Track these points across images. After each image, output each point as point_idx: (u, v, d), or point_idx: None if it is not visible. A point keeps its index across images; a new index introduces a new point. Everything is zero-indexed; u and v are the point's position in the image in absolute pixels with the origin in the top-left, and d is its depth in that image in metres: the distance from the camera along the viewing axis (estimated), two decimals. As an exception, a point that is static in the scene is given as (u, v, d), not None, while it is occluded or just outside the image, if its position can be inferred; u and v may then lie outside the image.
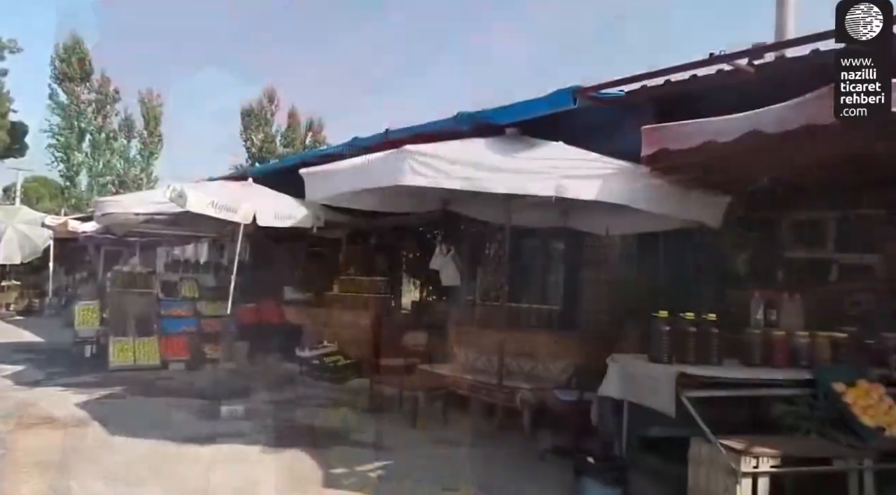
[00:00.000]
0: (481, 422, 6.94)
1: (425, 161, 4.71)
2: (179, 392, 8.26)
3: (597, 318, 7.69)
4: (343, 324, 10.26)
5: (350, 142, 7.92)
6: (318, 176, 5.81)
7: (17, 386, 8.34)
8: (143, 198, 9.30)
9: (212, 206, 7.33)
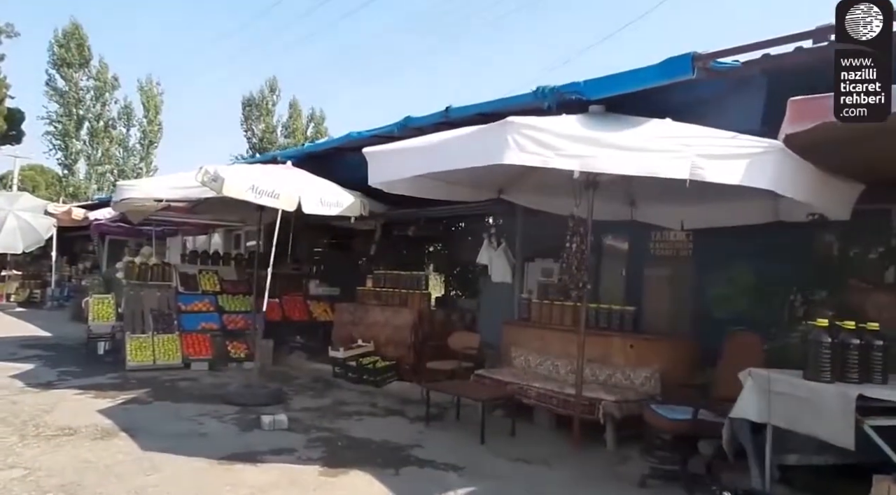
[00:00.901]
0: (553, 437, 6.22)
1: (533, 135, 3.96)
2: (208, 396, 7.49)
3: (678, 321, 6.93)
4: (379, 322, 9.50)
5: (402, 121, 7.12)
6: (386, 156, 5.04)
7: (28, 388, 7.57)
8: (165, 182, 8.49)
9: (251, 191, 6.55)
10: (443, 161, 4.52)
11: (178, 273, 10.64)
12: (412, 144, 4.93)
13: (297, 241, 13.01)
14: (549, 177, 6.73)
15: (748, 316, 6.02)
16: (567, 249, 5.78)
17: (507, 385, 6.69)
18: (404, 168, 4.86)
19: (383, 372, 8.66)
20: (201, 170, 7.03)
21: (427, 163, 4.62)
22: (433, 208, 9.82)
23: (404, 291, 9.53)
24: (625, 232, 8.26)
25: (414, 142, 4.98)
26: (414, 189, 6.66)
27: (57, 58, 37.97)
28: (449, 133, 4.72)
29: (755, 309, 6.04)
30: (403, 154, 4.92)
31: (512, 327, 7.87)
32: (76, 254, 22.45)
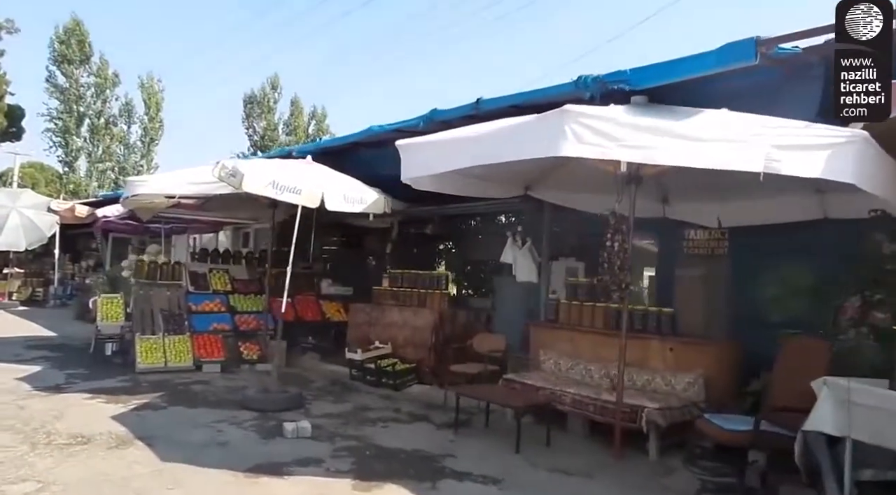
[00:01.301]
0: (590, 446, 5.92)
1: (592, 125, 3.66)
2: (224, 401, 7.19)
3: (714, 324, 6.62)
4: (396, 323, 9.19)
5: (427, 115, 6.82)
6: (424, 148, 4.73)
7: (36, 391, 7.26)
8: (177, 178, 8.16)
9: (272, 187, 6.24)
10: (491, 153, 4.20)
11: (188, 272, 10.33)
12: (455, 136, 4.61)
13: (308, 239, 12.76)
14: (580, 172, 6.45)
15: (800, 318, 5.72)
16: (608, 248, 5.47)
17: (538, 390, 6.38)
18: (446, 161, 4.54)
19: (403, 375, 8.36)
20: (218, 165, 6.71)
21: (473, 156, 4.30)
22: (453, 205, 9.52)
23: (423, 291, 9.22)
24: (653, 230, 7.98)
25: (456, 134, 4.66)
26: (441, 185, 6.37)
27: (57, 54, 37.64)
28: (496, 123, 4.40)
29: (808, 311, 5.72)
30: (445, 146, 4.61)
31: (540, 329, 7.56)
32: (79, 251, 22.10)
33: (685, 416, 5.62)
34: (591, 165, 5.40)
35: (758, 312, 6.37)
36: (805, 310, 5.97)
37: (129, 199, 8.71)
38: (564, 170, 6.73)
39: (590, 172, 5.92)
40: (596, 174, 5.81)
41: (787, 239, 6.50)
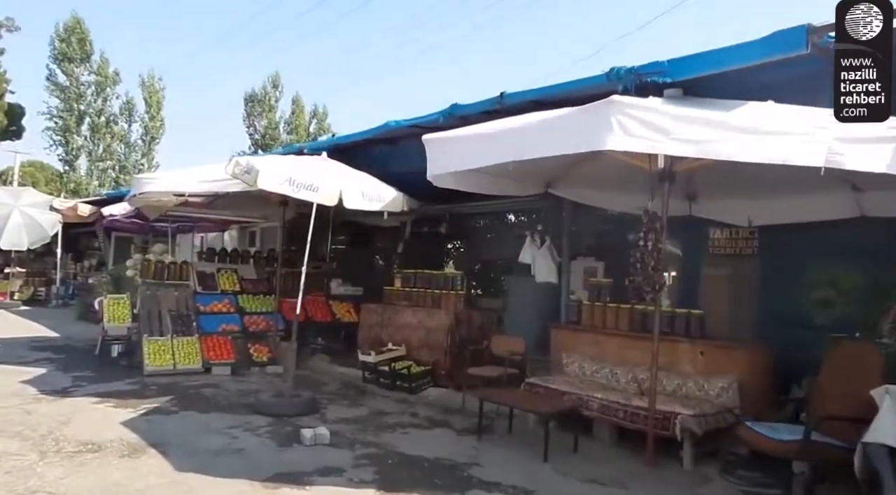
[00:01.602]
0: (620, 454, 5.69)
1: (641, 117, 3.44)
2: (237, 405, 6.97)
3: (743, 326, 6.40)
4: (410, 325, 8.97)
5: (448, 109, 6.59)
6: (452, 143, 4.50)
7: (42, 395, 7.03)
8: (187, 175, 7.94)
9: (288, 184, 6.01)
10: (529, 148, 3.97)
11: (196, 271, 10.10)
12: (488, 130, 4.38)
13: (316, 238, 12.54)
14: (607, 169, 6.23)
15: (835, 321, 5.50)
16: (641, 248, 5.25)
17: (563, 395, 6.16)
18: (479, 156, 4.30)
19: (418, 378, 8.13)
20: (232, 162, 6.50)
21: (509, 151, 4.06)
22: (469, 204, 9.32)
23: (437, 291, 8.99)
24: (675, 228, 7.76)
25: (490, 128, 4.43)
26: (465, 182, 6.17)
27: (58, 52, 37.41)
28: (532, 117, 4.18)
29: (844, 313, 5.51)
30: (478, 141, 4.38)
31: (561, 331, 7.34)
32: (81, 251, 21.88)
33: (719, 423, 5.40)
34: (620, 162, 5.19)
35: (790, 315, 6.17)
36: (841, 312, 5.76)
37: (137, 197, 8.50)
38: (589, 166, 6.50)
39: (618, 169, 5.70)
40: (624, 171, 5.59)
41: (821, 238, 6.28)
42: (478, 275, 13.81)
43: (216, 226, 11.39)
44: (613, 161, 5.29)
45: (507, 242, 12.83)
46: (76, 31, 37.57)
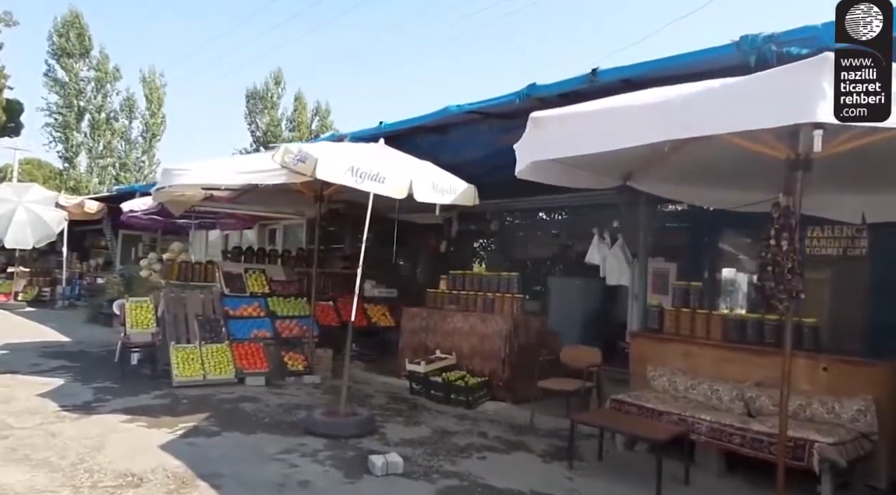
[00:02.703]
0: (737, 486, 4.96)
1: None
2: (283, 424, 6.22)
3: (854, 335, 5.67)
4: (460, 330, 8.22)
5: (525, 90, 5.86)
6: (574, 121, 3.74)
7: (64, 412, 6.27)
8: (223, 166, 7.18)
9: (350, 174, 5.27)
10: (693, 124, 3.21)
11: (223, 272, 9.33)
12: (632, 102, 3.62)
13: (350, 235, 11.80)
14: (708, 157, 5.48)
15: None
16: (772, 248, 4.49)
17: (660, 415, 5.43)
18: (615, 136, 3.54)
19: (475, 391, 7.39)
20: (281, 150, 5.76)
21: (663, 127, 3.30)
22: (527, 199, 8.58)
23: (489, 294, 8.24)
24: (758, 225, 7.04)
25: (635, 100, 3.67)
26: (536, 173, 5.42)
27: (57, 47, 36.71)
28: (686, 88, 3.42)
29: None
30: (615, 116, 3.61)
31: (642, 340, 6.60)
32: (87, 249, 21.08)
33: (858, 452, 4.68)
34: (728, 149, 4.46)
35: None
36: None
37: (163, 191, 7.75)
38: (684, 155, 5.74)
39: (724, 157, 4.97)
40: (734, 159, 4.86)
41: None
42: (527, 277, 13.11)
43: (242, 222, 10.61)
44: (723, 147, 4.57)
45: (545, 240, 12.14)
46: (75, 26, 36.83)
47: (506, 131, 7.52)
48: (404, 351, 8.87)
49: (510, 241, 12.60)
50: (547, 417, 6.72)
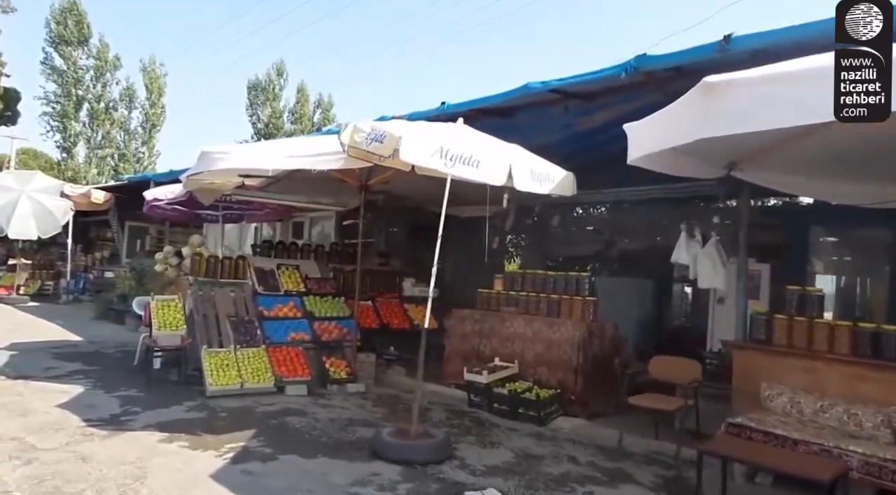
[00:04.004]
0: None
1: None
2: (343, 444, 5.43)
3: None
4: (522, 336, 7.44)
5: (633, 62, 5.05)
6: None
7: (91, 427, 5.46)
8: (268, 149, 6.37)
9: (440, 157, 4.46)
10: None
11: (254, 268, 8.51)
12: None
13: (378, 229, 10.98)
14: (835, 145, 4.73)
15: None
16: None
17: (796, 444, 4.64)
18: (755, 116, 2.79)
19: (547, 405, 6.60)
20: (350, 128, 4.95)
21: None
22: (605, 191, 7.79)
23: (555, 296, 7.45)
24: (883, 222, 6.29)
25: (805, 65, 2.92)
26: (652, 160, 4.67)
27: (54, 35, 35.71)
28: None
29: None
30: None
31: (750, 353, 5.81)
32: (91, 241, 20.19)
33: None
34: (864, 137, 3.71)
35: None
36: None
37: (193, 179, 6.93)
38: (809, 142, 4.96)
39: (855, 146, 4.22)
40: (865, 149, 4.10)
41: None
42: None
43: (275, 213, 9.77)
44: (863, 135, 3.84)
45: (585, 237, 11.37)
46: (73, 13, 35.82)
47: (585, 114, 6.75)
48: (452, 357, 8.10)
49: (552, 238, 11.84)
50: (633, 437, 5.94)
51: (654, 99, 5.72)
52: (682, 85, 5.36)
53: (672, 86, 5.36)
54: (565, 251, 11.51)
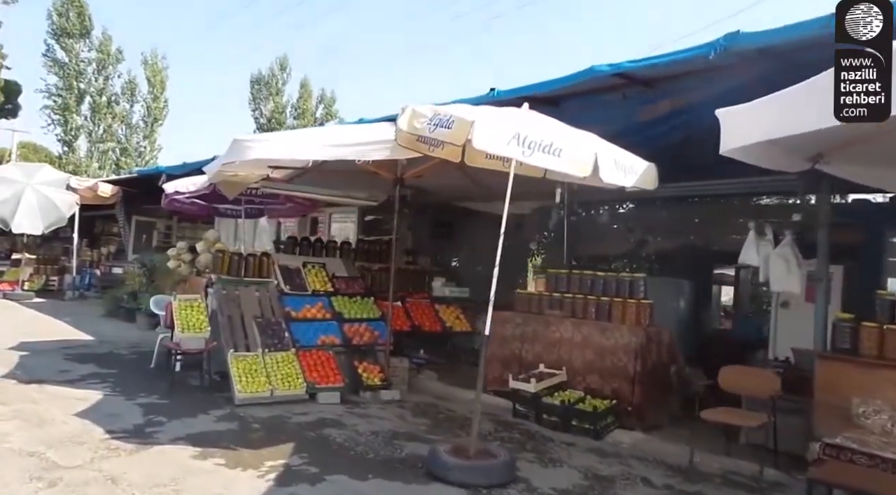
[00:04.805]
0: None
1: None
2: (395, 462, 4.95)
3: None
4: (569, 341, 6.96)
5: (723, 40, 4.54)
6: None
7: (115, 440, 4.97)
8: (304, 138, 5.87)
9: (516, 143, 3.96)
10: None
11: (279, 266, 8.01)
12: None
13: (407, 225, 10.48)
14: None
15: None
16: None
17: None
18: None
19: (603, 418, 6.11)
20: (408, 113, 4.45)
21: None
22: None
23: (605, 298, 6.96)
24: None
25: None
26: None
27: (56, 27, 35.16)
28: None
29: None
30: None
31: (837, 365, 5.30)
32: (96, 236, 19.66)
33: None
34: None
35: None
36: None
37: (223, 168, 6.43)
38: None
39: None
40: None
41: None
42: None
43: (301, 208, 9.26)
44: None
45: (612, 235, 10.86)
46: (74, 5, 35.24)
47: (647, 102, 6.25)
48: (491, 362, 7.59)
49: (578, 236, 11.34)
50: (702, 454, 5.46)
51: (726, 85, 5.25)
52: (766, 68, 4.90)
53: (757, 68, 4.90)
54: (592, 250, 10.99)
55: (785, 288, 5.96)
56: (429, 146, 5.22)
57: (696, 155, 5.69)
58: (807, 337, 6.08)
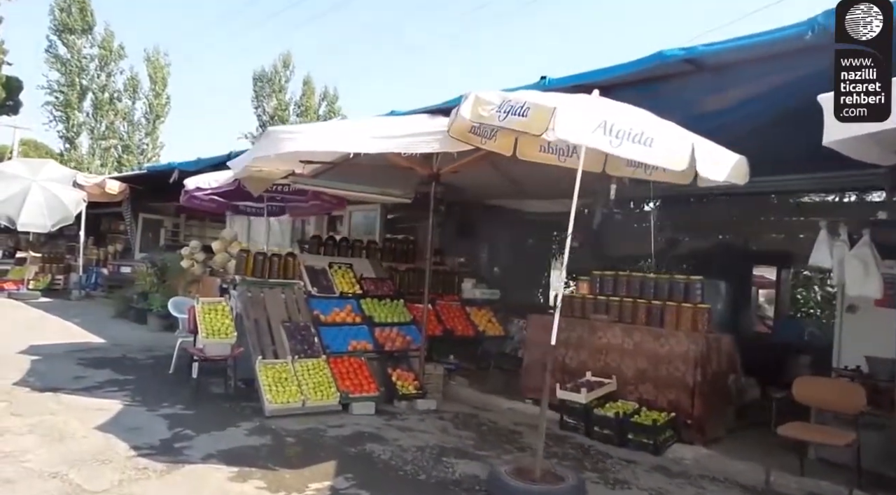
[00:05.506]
0: None
1: None
2: (450, 484, 4.53)
3: None
4: (619, 348, 6.53)
5: (819, 17, 4.07)
6: None
7: (144, 459, 4.53)
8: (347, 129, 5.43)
9: (603, 133, 3.53)
10: None
11: (305, 267, 7.57)
12: None
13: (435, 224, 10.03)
14: None
15: None
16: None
17: None
18: None
19: (662, 431, 5.68)
20: (471, 100, 4.02)
21: None
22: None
23: (657, 302, 6.52)
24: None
25: None
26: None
27: (58, 23, 34.77)
28: None
29: None
30: None
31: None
32: (102, 234, 19.21)
33: None
34: None
35: None
36: None
37: (248, 165, 6.00)
38: None
39: None
40: None
41: None
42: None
43: (327, 205, 8.81)
44: None
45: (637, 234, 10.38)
46: (77, 0, 34.81)
47: (714, 91, 5.78)
48: (531, 369, 7.18)
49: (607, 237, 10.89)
50: (775, 473, 5.01)
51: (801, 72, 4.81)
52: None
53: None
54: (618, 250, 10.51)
55: (862, 291, 5.52)
56: (481, 138, 4.81)
57: (767, 148, 5.26)
58: (877, 344, 5.67)
